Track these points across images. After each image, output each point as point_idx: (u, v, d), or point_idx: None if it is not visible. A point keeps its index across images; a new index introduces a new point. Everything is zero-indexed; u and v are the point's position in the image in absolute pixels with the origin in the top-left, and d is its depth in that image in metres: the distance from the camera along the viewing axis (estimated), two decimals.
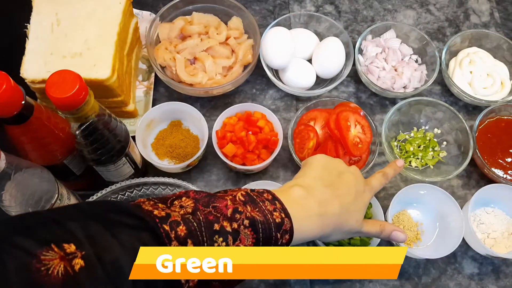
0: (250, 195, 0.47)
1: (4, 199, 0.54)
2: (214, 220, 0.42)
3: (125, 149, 0.65)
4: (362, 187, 0.57)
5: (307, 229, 0.49)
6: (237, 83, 0.81)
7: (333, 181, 0.55)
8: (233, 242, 0.42)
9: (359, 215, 0.56)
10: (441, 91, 0.90)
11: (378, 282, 0.73)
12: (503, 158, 0.80)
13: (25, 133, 0.55)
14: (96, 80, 0.68)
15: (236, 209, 0.44)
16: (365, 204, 0.57)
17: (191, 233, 0.40)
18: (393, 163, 0.64)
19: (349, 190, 0.55)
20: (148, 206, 0.41)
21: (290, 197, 0.50)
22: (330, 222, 0.52)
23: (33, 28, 0.71)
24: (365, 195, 0.58)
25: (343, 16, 0.96)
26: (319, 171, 0.56)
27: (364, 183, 0.58)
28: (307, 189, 0.52)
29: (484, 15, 0.99)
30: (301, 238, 0.49)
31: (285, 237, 0.46)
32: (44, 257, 0.33)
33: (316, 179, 0.55)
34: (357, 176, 0.58)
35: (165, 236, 0.39)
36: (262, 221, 0.44)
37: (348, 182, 0.56)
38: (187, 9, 0.85)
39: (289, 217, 0.47)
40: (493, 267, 0.75)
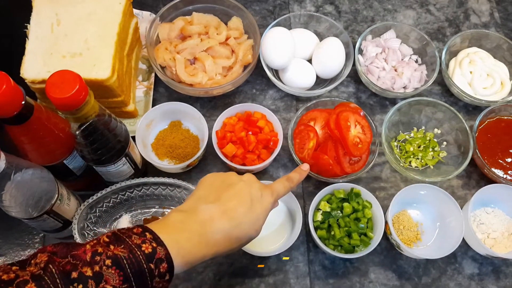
0: (116, 234, 0.45)
1: (4, 199, 0.54)
2: (72, 268, 0.40)
3: (125, 149, 0.65)
4: (258, 193, 0.55)
5: (191, 251, 0.47)
6: (237, 83, 0.81)
7: (220, 195, 0.53)
8: (97, 286, 0.40)
9: (258, 223, 0.54)
10: (441, 91, 0.90)
11: (378, 282, 0.73)
12: (503, 158, 0.80)
13: (25, 133, 0.55)
14: (96, 80, 0.68)
15: (95, 252, 0.42)
16: (266, 209, 0.55)
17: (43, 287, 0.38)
18: (299, 168, 0.65)
19: (242, 200, 0.53)
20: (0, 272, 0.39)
21: (166, 224, 0.48)
22: (219, 238, 0.50)
23: (33, 28, 0.71)
24: (264, 200, 0.55)
25: (343, 16, 0.96)
26: (204, 189, 0.54)
27: (262, 188, 0.56)
28: (187, 212, 0.51)
29: (484, 15, 0.99)
30: (187, 262, 0.47)
31: (161, 266, 0.44)
32: None
33: (200, 199, 0.53)
34: (251, 183, 0.55)
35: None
36: (126, 257, 0.42)
37: (240, 192, 0.53)
38: (187, 9, 0.85)
39: (162, 244, 0.45)
40: (493, 267, 0.75)
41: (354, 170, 0.75)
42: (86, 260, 0.41)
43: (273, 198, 0.57)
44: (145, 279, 0.43)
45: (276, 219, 0.75)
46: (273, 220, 0.75)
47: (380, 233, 0.71)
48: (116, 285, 0.41)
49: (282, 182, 0.60)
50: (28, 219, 0.60)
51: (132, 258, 0.43)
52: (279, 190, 0.59)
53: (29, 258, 0.42)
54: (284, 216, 0.75)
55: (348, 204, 0.73)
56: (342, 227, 0.72)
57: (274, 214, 0.75)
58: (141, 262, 0.43)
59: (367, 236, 0.72)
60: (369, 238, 0.72)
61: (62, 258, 0.41)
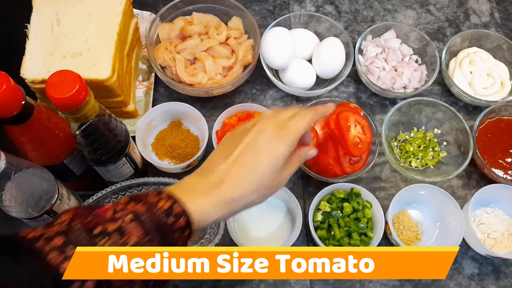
0: (133, 195, 0.46)
1: (4, 199, 0.54)
2: (94, 225, 0.41)
3: (125, 149, 0.65)
4: (267, 143, 0.50)
5: (204, 209, 0.47)
6: (237, 83, 0.81)
7: (230, 152, 0.50)
8: (120, 238, 0.41)
9: (269, 176, 0.50)
10: (441, 91, 0.90)
11: (378, 282, 0.73)
12: (503, 158, 0.80)
13: (25, 133, 0.55)
14: (96, 80, 0.68)
15: (115, 210, 0.43)
16: (276, 159, 0.50)
17: (70, 241, 0.39)
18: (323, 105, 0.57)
19: (248, 155, 0.50)
20: (24, 232, 0.40)
21: (180, 187, 0.49)
22: (230, 197, 0.48)
23: (33, 28, 0.71)
24: (273, 150, 0.50)
25: (343, 16, 0.96)
26: (218, 148, 0.53)
27: (273, 136, 0.50)
28: (200, 174, 0.51)
29: (484, 15, 0.98)
30: (203, 218, 0.47)
31: (180, 221, 0.45)
32: None
33: (212, 159, 0.52)
34: (261, 132, 0.51)
35: (41, 251, 0.38)
36: (145, 212, 0.43)
37: (248, 146, 0.50)
38: (187, 9, 0.85)
39: (177, 202, 0.45)
40: (493, 267, 0.75)
41: (354, 170, 0.75)
42: (107, 217, 0.43)
43: (287, 143, 0.50)
44: (165, 232, 0.44)
45: (276, 219, 0.75)
46: (273, 220, 0.75)
47: (380, 233, 0.71)
48: (140, 237, 0.42)
49: (303, 114, 0.53)
50: (28, 219, 0.60)
51: (151, 213, 0.44)
52: (298, 128, 0.51)
53: (52, 221, 0.43)
54: (284, 216, 0.75)
55: (348, 204, 0.73)
56: (342, 227, 0.72)
57: (274, 214, 0.75)
58: (159, 216, 0.44)
59: (367, 236, 0.72)
60: (369, 238, 0.72)
61: (84, 217, 0.43)
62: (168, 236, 0.44)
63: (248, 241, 0.73)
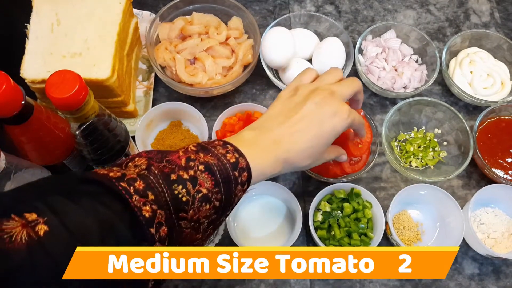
0: (201, 144, 0.48)
1: None
2: (170, 171, 0.43)
3: (125, 149, 0.65)
4: (327, 114, 0.54)
5: (263, 165, 0.50)
6: (237, 83, 0.81)
7: (289, 117, 0.54)
8: (193, 188, 0.43)
9: (322, 148, 0.55)
10: (441, 91, 0.90)
11: (378, 282, 0.73)
12: (503, 158, 0.80)
13: (25, 133, 0.55)
14: (96, 80, 0.68)
15: (189, 158, 0.45)
16: (330, 132, 0.54)
17: (149, 186, 0.41)
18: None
19: (310, 124, 0.53)
20: (102, 171, 0.42)
21: (241, 139, 0.51)
22: (286, 157, 0.52)
23: (33, 28, 0.71)
24: (335, 123, 0.54)
25: (343, 16, 0.96)
26: (275, 108, 0.56)
27: (334, 111, 0.54)
28: (259, 129, 0.53)
29: (484, 15, 0.98)
30: (259, 174, 0.50)
31: (243, 175, 0.47)
32: (6, 226, 0.33)
33: (270, 118, 0.55)
34: (323, 105, 0.54)
35: (124, 192, 0.39)
36: (216, 164, 0.45)
37: (308, 115, 0.54)
38: (187, 9, 0.85)
39: (243, 155, 0.48)
40: (494, 268, 0.75)
41: (354, 170, 0.75)
42: (181, 164, 0.44)
43: (348, 121, 0.56)
44: (231, 185, 0.46)
45: (276, 219, 0.75)
46: (273, 220, 0.75)
47: (380, 233, 0.71)
48: (209, 189, 0.44)
49: (349, 83, 0.59)
50: None
51: (221, 165, 0.46)
52: (353, 91, 0.58)
53: (124, 161, 0.45)
54: (284, 216, 0.75)
55: (348, 204, 0.73)
56: (342, 227, 0.72)
57: (274, 214, 0.75)
58: (228, 169, 0.46)
59: (367, 236, 0.72)
60: (369, 238, 0.72)
61: (158, 163, 0.44)
62: (231, 189, 0.46)
63: (248, 241, 0.73)
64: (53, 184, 0.42)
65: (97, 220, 0.38)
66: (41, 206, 0.36)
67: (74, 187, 0.40)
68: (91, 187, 0.40)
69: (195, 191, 0.43)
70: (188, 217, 0.43)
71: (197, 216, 0.44)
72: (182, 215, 0.43)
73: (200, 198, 0.43)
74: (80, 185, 0.40)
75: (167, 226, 0.41)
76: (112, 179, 0.40)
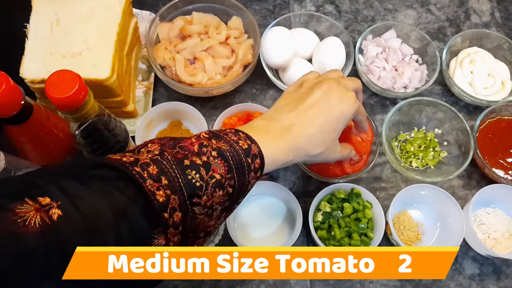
0: (213, 132, 0.49)
1: None
2: (183, 157, 0.43)
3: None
4: (335, 99, 0.56)
5: (275, 152, 0.51)
6: (237, 83, 0.81)
7: (298, 105, 0.55)
8: (206, 173, 0.43)
9: (333, 134, 0.56)
10: (441, 91, 0.90)
11: (378, 282, 0.73)
12: (503, 158, 0.80)
13: (24, 133, 0.55)
14: (95, 80, 0.68)
15: (202, 144, 0.45)
16: (339, 117, 0.56)
17: (163, 171, 0.41)
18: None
19: (319, 111, 0.55)
20: (115, 156, 0.42)
21: (252, 127, 0.52)
22: (297, 143, 0.53)
23: (33, 27, 0.70)
24: (344, 110, 0.56)
25: (344, 16, 0.96)
26: (283, 100, 0.57)
27: (342, 97, 0.56)
28: (268, 119, 0.55)
29: (484, 15, 0.98)
30: (272, 161, 0.50)
31: (256, 161, 0.48)
32: (19, 210, 0.33)
33: (278, 109, 0.56)
34: (330, 93, 0.56)
35: (138, 177, 0.39)
36: (229, 150, 0.46)
37: (317, 102, 0.55)
38: (187, 8, 0.85)
39: (255, 142, 0.48)
40: (494, 268, 0.75)
41: (354, 170, 0.75)
42: (194, 150, 0.44)
43: (356, 106, 0.57)
44: (244, 171, 0.46)
45: (276, 219, 0.75)
46: (273, 220, 0.75)
47: (381, 234, 0.71)
48: (222, 174, 0.44)
49: (355, 81, 0.61)
50: None
51: (233, 151, 0.46)
52: (354, 87, 0.60)
53: (137, 147, 0.45)
54: (284, 216, 0.75)
55: (348, 205, 0.73)
56: (343, 227, 0.72)
57: (274, 214, 0.75)
58: (241, 155, 0.46)
59: (367, 237, 0.72)
60: (370, 239, 0.72)
61: (171, 149, 0.44)
62: (244, 176, 0.47)
63: (248, 241, 0.73)
64: (67, 168, 0.42)
65: (111, 205, 0.37)
66: (55, 190, 0.36)
67: (88, 172, 0.40)
68: (104, 171, 0.40)
69: (208, 176, 0.43)
70: (202, 203, 0.43)
71: (210, 202, 0.44)
72: (195, 200, 0.42)
73: (213, 184, 0.43)
74: (93, 169, 0.40)
75: (180, 212, 0.41)
76: (126, 164, 0.40)
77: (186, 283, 0.71)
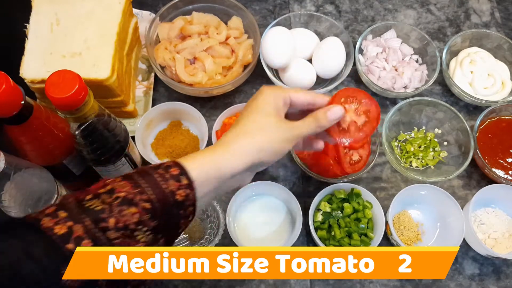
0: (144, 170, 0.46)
1: (3, 199, 0.54)
2: (84, 196, 0.42)
3: (124, 149, 0.65)
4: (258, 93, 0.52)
5: (202, 163, 0.47)
6: (237, 83, 0.81)
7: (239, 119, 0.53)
8: (110, 197, 0.41)
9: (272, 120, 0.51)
10: (441, 91, 0.90)
11: (378, 282, 0.73)
12: (503, 158, 0.80)
13: (24, 133, 0.55)
14: (95, 80, 0.68)
15: (106, 180, 0.44)
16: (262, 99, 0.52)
17: (61, 207, 0.40)
18: (324, 112, 0.53)
19: (245, 109, 0.53)
20: (48, 222, 0.40)
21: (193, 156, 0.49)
22: (231, 147, 0.48)
23: (33, 27, 0.70)
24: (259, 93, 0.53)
25: (344, 16, 0.96)
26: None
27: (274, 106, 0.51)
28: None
29: (484, 15, 0.98)
30: (202, 172, 0.46)
31: (170, 171, 0.44)
32: None
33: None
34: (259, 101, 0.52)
35: (69, 256, 0.38)
36: (135, 171, 0.44)
37: (250, 108, 0.52)
38: (187, 8, 0.85)
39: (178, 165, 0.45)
40: (494, 268, 0.75)
41: (354, 170, 0.75)
42: (99, 186, 0.43)
43: (271, 88, 0.53)
44: (156, 182, 0.43)
45: (276, 219, 0.75)
46: (273, 221, 0.75)
47: (381, 234, 0.71)
48: (128, 191, 0.42)
49: (309, 122, 0.53)
50: None
51: (141, 169, 0.44)
52: (302, 132, 0.52)
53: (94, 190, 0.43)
54: (284, 217, 0.75)
55: (348, 205, 0.73)
56: (343, 227, 0.72)
57: (274, 214, 0.75)
58: (149, 170, 0.44)
59: (367, 237, 0.72)
60: (370, 239, 0.72)
61: (79, 194, 0.43)
62: (159, 186, 0.43)
63: (248, 241, 0.73)
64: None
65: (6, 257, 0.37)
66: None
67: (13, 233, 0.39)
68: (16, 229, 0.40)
69: (111, 199, 0.41)
70: (110, 226, 0.40)
71: (122, 222, 0.40)
72: (103, 225, 0.40)
73: (119, 203, 0.41)
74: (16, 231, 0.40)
75: (90, 239, 0.39)
76: (56, 238, 0.39)
77: (186, 283, 0.71)
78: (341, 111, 0.53)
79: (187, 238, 0.72)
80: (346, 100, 0.56)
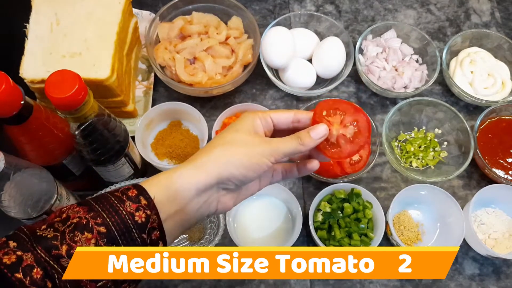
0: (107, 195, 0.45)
1: (3, 199, 0.54)
2: (39, 226, 0.41)
3: (124, 149, 0.65)
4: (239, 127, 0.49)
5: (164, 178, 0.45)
6: (237, 83, 0.81)
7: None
8: (63, 225, 0.40)
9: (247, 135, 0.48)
10: (441, 91, 0.90)
11: (378, 282, 0.73)
12: (504, 158, 0.80)
13: (24, 133, 0.55)
14: (95, 80, 0.68)
15: (62, 208, 0.42)
16: (242, 119, 0.49)
17: (11, 238, 0.39)
18: (308, 133, 0.49)
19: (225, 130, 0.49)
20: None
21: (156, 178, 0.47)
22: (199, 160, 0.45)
23: (33, 28, 0.70)
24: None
25: (344, 16, 0.96)
26: None
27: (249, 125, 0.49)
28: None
29: (484, 15, 0.98)
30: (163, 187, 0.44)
31: (131, 191, 0.43)
32: None
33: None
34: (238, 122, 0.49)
35: (18, 285, 0.37)
36: (92, 197, 0.43)
37: (226, 129, 0.49)
38: (187, 8, 0.85)
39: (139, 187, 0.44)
40: (494, 268, 0.75)
41: (354, 170, 0.75)
42: (55, 215, 0.42)
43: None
44: (113, 204, 0.42)
45: (276, 219, 0.75)
46: (273, 221, 0.75)
47: (381, 234, 0.71)
48: (81, 216, 0.41)
49: (290, 139, 0.49)
50: (27, 220, 0.59)
51: (98, 195, 0.43)
52: (280, 147, 0.48)
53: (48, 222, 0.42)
54: (284, 217, 0.75)
55: (348, 205, 0.73)
56: (343, 227, 0.72)
57: (274, 214, 0.75)
58: (106, 195, 0.43)
59: (367, 237, 0.72)
60: (370, 239, 0.72)
61: (34, 224, 0.42)
62: (116, 207, 0.42)
63: (248, 241, 0.73)
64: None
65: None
66: None
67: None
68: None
69: (64, 226, 0.40)
70: (62, 253, 0.39)
71: (75, 249, 0.39)
72: (54, 252, 0.39)
73: (72, 229, 0.40)
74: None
75: (39, 267, 0.38)
76: (4, 269, 0.37)
77: (186, 283, 0.71)
78: (326, 130, 0.49)
79: (187, 238, 0.72)
80: (328, 113, 0.52)
